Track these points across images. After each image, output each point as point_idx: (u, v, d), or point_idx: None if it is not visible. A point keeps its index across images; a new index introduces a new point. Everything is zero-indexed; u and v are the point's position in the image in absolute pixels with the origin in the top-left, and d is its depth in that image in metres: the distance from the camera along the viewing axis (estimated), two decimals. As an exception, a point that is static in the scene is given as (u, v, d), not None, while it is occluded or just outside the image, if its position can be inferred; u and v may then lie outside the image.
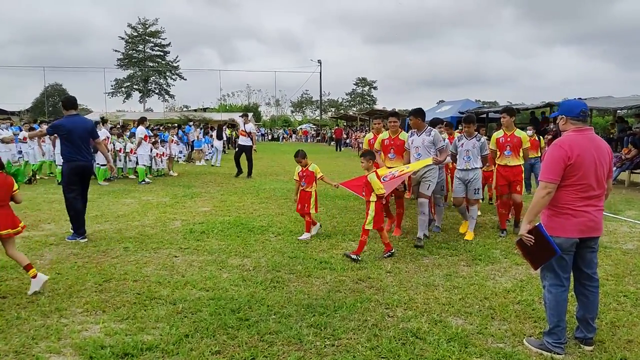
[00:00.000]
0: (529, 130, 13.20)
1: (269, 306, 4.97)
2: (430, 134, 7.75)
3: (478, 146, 7.99)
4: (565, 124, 4.06)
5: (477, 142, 8.00)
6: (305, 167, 8.02)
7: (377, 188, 6.71)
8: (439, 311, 4.91)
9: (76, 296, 5.23)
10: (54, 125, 7.92)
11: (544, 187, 3.92)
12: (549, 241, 3.90)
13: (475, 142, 8.01)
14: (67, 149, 7.65)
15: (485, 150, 8.03)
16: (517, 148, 8.24)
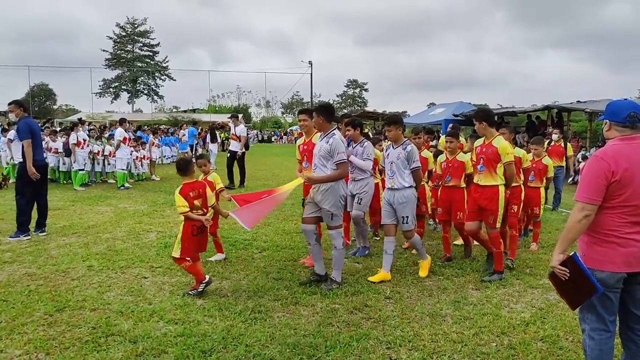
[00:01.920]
0: (554, 134, 11.64)
1: (247, 345, 4.16)
2: (406, 147, 6.05)
3: (403, 157, 5.99)
4: (609, 131, 3.29)
5: (402, 151, 6.01)
6: (206, 175, 6.84)
7: (178, 205, 5.34)
8: (451, 351, 4.12)
9: (18, 332, 4.39)
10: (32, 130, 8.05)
11: (580, 209, 3.14)
12: (587, 275, 3.12)
13: (401, 151, 6.02)
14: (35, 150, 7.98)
15: (413, 162, 5.99)
16: (491, 162, 5.94)
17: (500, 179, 5.91)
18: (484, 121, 6.00)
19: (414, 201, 6.05)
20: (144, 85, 71.86)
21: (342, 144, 5.63)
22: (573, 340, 4.40)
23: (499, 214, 5.94)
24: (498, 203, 5.91)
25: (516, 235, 6.81)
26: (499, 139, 5.99)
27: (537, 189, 7.73)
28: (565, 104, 19.23)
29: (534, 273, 6.36)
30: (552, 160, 10.83)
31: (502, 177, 5.92)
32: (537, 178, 7.72)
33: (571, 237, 3.16)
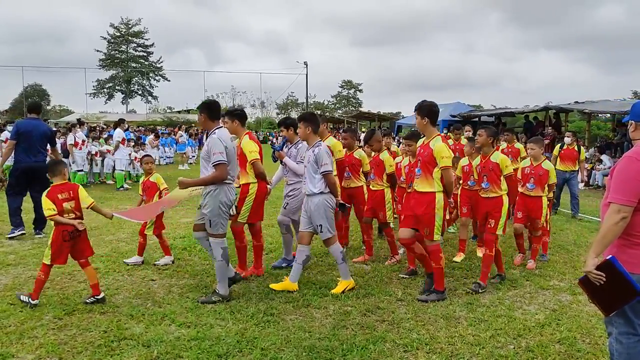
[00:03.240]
0: (567, 137, 11.02)
1: (262, 349, 4.10)
2: (314, 150, 5.49)
3: (312, 160, 5.49)
4: (635, 131, 3.25)
5: (312, 154, 5.53)
6: (149, 176, 6.73)
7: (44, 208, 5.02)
8: (469, 355, 4.08)
9: (29, 336, 4.31)
10: None
11: (617, 211, 3.08)
12: (628, 279, 3.04)
13: (311, 154, 5.55)
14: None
15: (322, 166, 5.43)
16: (427, 166, 5.23)
17: (438, 185, 5.20)
18: (427, 117, 5.26)
19: (327, 208, 5.48)
20: (138, 86, 71.48)
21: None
22: (590, 342, 4.37)
23: (435, 227, 5.21)
24: (434, 213, 5.19)
25: (491, 256, 5.80)
26: (437, 139, 5.24)
27: (538, 198, 6.69)
28: (563, 104, 19.26)
29: (543, 274, 6.33)
30: (565, 165, 10.58)
31: (439, 183, 5.22)
32: (538, 185, 6.68)
33: (608, 241, 3.08)
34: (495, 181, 5.99)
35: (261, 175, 5.91)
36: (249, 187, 5.92)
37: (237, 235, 5.98)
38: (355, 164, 6.91)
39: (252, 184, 5.91)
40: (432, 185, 5.20)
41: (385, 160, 6.77)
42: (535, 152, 6.82)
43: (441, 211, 5.24)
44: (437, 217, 5.22)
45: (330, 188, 5.52)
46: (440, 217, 5.24)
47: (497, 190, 5.98)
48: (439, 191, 5.21)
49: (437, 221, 5.23)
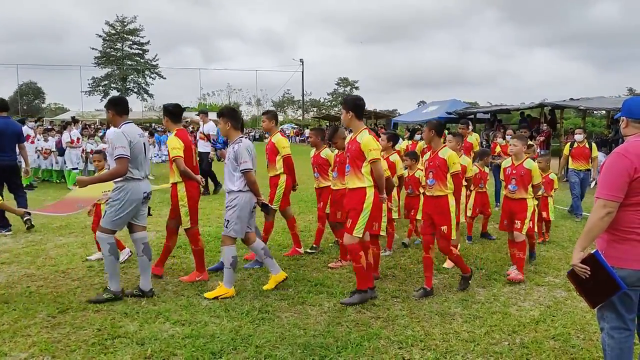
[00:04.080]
0: (577, 134, 10.38)
1: (257, 347, 4.09)
2: (234, 147, 5.31)
3: (232, 157, 5.30)
4: (626, 128, 3.25)
5: (232, 150, 5.34)
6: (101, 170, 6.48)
7: None
8: (463, 351, 4.08)
9: (22, 334, 4.29)
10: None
11: (602, 206, 3.10)
12: (610, 273, 3.08)
13: (231, 150, 5.36)
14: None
15: (242, 164, 5.23)
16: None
17: (368, 179, 5.00)
18: (352, 111, 5.09)
19: (243, 207, 5.26)
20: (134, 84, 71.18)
21: (122, 136, 4.94)
22: (584, 338, 4.38)
23: (358, 222, 4.97)
24: (362, 208, 4.98)
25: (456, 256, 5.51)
26: (364, 133, 5.04)
27: (521, 200, 6.10)
28: (558, 101, 19.30)
29: (538, 271, 6.34)
30: (579, 164, 10.01)
31: (369, 177, 5.02)
32: (521, 187, 6.08)
33: (593, 235, 3.12)
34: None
35: (185, 174, 5.60)
36: (176, 188, 5.69)
37: (191, 238, 5.81)
38: (322, 163, 6.87)
39: (179, 184, 5.68)
40: (362, 181, 5.01)
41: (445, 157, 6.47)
42: (517, 149, 6.19)
43: (369, 208, 4.98)
44: (364, 213, 4.98)
45: (250, 187, 5.30)
46: (366, 214, 4.97)
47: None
48: (370, 186, 5.01)
49: (362, 217, 4.97)
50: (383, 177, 5.11)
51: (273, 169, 6.67)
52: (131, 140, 4.95)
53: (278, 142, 6.65)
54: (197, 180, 5.77)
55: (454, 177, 5.39)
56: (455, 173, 5.38)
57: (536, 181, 6.11)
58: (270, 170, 6.71)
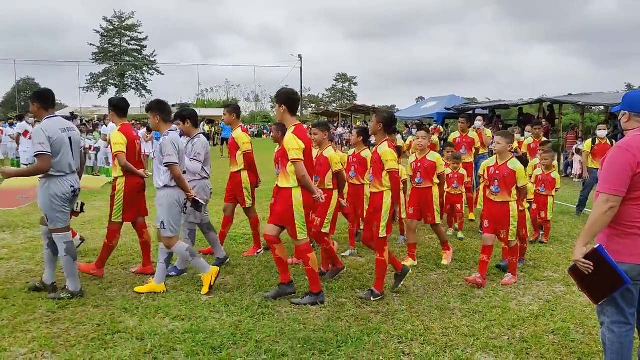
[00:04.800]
0: (600, 129, 9.82)
1: (257, 342, 4.09)
2: (160, 140, 5.23)
3: (158, 150, 5.20)
4: (628, 122, 3.25)
5: (157, 143, 5.26)
6: None
7: None
8: (463, 345, 4.09)
9: (21, 330, 4.28)
10: None
11: (605, 201, 3.10)
12: (614, 268, 3.07)
13: (157, 144, 5.28)
14: None
15: (166, 157, 5.06)
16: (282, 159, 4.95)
17: (293, 180, 4.80)
18: (284, 105, 4.89)
19: (172, 203, 5.15)
20: (132, 80, 71.00)
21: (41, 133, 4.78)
22: (584, 332, 4.38)
23: (297, 224, 4.82)
24: (292, 209, 4.81)
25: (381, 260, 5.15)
26: (290, 130, 4.87)
27: (504, 204, 5.59)
28: (557, 96, 19.28)
29: (537, 266, 6.35)
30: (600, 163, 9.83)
31: (294, 178, 4.81)
32: (503, 189, 5.57)
33: (595, 230, 3.11)
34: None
35: (127, 168, 5.51)
36: (116, 182, 5.63)
37: (108, 234, 5.76)
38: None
39: (120, 178, 5.61)
40: (289, 181, 4.82)
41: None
42: (501, 147, 5.63)
43: (299, 209, 4.81)
44: (297, 215, 4.80)
45: (177, 182, 5.13)
46: (299, 216, 4.81)
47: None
48: (295, 187, 4.80)
49: (298, 219, 4.82)
50: (305, 177, 4.77)
51: (234, 164, 6.46)
52: (50, 136, 4.79)
53: (238, 138, 6.40)
54: (140, 175, 5.65)
55: (390, 175, 5.02)
56: (390, 170, 5.01)
57: (521, 184, 5.58)
58: (232, 166, 6.51)
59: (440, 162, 6.50)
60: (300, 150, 4.74)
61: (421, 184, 6.41)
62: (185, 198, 5.27)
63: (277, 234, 4.96)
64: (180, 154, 5.21)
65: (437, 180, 6.52)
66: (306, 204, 4.87)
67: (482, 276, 5.55)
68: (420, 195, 6.48)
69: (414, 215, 6.50)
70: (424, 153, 6.47)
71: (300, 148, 4.74)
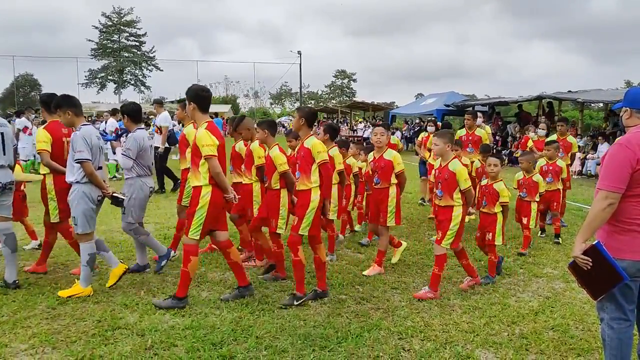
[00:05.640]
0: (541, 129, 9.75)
1: (257, 337, 4.11)
2: (72, 135, 5.08)
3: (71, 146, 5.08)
4: (630, 118, 3.25)
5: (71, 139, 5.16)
6: None
7: None
8: (463, 342, 4.10)
9: (22, 325, 4.29)
10: None
11: (604, 197, 3.11)
12: (612, 264, 3.09)
13: None
14: None
15: (77, 153, 4.89)
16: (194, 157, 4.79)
17: (204, 178, 4.65)
18: (193, 102, 4.76)
19: (83, 200, 4.98)
20: (131, 76, 70.93)
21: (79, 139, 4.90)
22: (583, 329, 4.40)
23: (193, 221, 4.66)
24: (194, 210, 4.66)
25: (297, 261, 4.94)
26: (202, 127, 4.72)
27: (447, 208, 5.12)
28: (557, 93, 19.30)
29: (537, 262, 6.36)
30: None
31: (205, 176, 4.65)
32: (446, 192, 5.11)
33: (594, 227, 3.12)
34: (305, 171, 4.86)
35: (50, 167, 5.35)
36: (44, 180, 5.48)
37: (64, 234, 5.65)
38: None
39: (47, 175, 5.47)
40: (199, 179, 4.68)
41: (254, 150, 5.78)
42: (439, 148, 5.16)
43: (205, 207, 4.63)
44: (197, 213, 4.66)
45: (89, 178, 4.97)
46: (201, 214, 4.64)
47: (196, 174, 4.74)
48: (206, 184, 4.65)
49: (196, 217, 4.65)
50: (220, 175, 4.61)
51: (184, 162, 6.12)
52: None
53: (189, 134, 5.97)
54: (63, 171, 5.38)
55: (321, 167, 4.86)
56: (322, 162, 4.85)
57: (463, 186, 5.06)
58: (182, 163, 6.23)
59: (398, 160, 5.79)
60: (214, 147, 4.61)
61: (379, 184, 5.77)
62: (99, 195, 5.10)
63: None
64: (93, 150, 5.02)
65: (395, 180, 5.82)
66: (214, 202, 4.66)
67: (433, 289, 5.10)
68: (377, 196, 5.83)
69: (374, 219, 5.89)
70: (381, 151, 5.80)
71: (214, 144, 4.62)
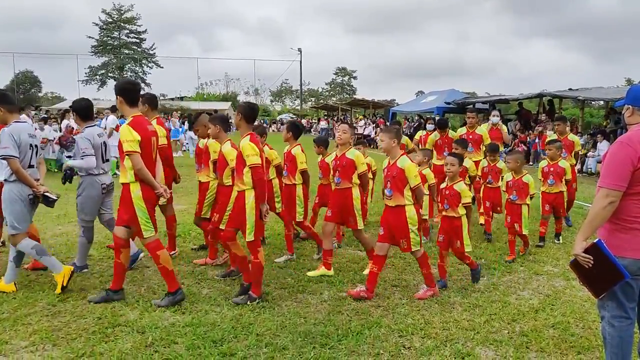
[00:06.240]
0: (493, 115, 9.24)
1: (258, 335, 4.11)
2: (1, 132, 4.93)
3: None
4: (631, 116, 3.23)
5: None
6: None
7: None
8: (463, 339, 4.10)
9: (22, 322, 4.29)
10: None
11: (605, 196, 3.10)
12: (613, 262, 3.08)
13: None
14: None
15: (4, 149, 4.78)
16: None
17: (130, 175, 4.59)
18: (119, 95, 4.70)
19: (13, 199, 4.88)
20: (131, 73, 70.78)
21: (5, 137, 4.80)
22: (584, 326, 4.40)
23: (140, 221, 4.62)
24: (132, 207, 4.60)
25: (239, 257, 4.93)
26: (127, 121, 4.66)
27: (399, 208, 4.88)
28: (557, 91, 19.27)
29: (537, 260, 6.36)
30: None
31: (131, 172, 4.58)
32: (396, 191, 4.89)
33: (595, 225, 3.11)
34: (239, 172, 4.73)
35: None
36: None
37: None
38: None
39: None
40: (126, 176, 4.63)
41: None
42: (385, 145, 4.96)
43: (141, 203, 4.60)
44: (139, 212, 4.61)
45: (17, 176, 4.84)
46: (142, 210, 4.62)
47: (241, 184, 4.74)
48: (133, 182, 4.60)
49: (140, 216, 4.62)
50: (142, 170, 4.53)
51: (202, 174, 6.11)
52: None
53: None
54: None
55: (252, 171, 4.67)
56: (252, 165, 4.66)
57: (412, 183, 4.83)
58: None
59: (360, 160, 5.59)
60: (134, 142, 4.52)
61: (340, 184, 5.58)
62: (30, 193, 4.96)
63: (126, 236, 4.74)
64: (22, 147, 4.91)
65: (357, 180, 5.62)
66: (147, 198, 4.62)
67: (369, 289, 4.93)
68: (339, 196, 5.60)
69: (332, 218, 5.61)
70: (344, 149, 5.64)
71: (134, 140, 4.52)
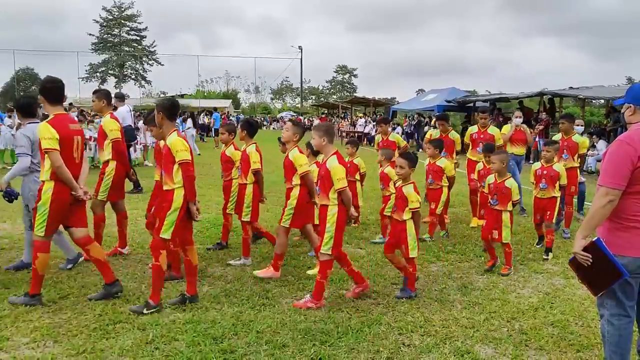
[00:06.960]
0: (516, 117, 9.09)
1: (258, 332, 4.12)
2: None
3: None
4: (633, 115, 3.24)
5: None
6: None
7: None
8: (463, 337, 4.11)
9: (23, 319, 4.30)
10: None
11: (604, 194, 3.10)
12: (612, 260, 3.09)
13: None
14: None
15: None
16: None
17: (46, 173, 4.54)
18: (41, 95, 4.68)
19: None
20: (132, 70, 70.77)
21: None
22: (583, 324, 4.41)
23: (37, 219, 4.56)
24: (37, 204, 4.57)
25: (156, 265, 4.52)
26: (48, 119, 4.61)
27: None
28: (558, 90, 19.26)
29: (537, 258, 6.37)
30: None
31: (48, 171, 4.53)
32: (323, 191, 4.71)
33: (594, 223, 3.12)
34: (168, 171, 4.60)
35: None
36: None
37: None
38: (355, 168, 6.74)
39: None
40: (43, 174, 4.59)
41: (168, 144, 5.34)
42: (316, 142, 4.81)
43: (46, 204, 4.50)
44: (39, 210, 4.54)
45: None
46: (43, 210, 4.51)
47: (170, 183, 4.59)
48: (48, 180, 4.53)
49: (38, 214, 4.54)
50: (61, 169, 4.46)
51: (102, 154, 6.08)
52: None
53: (106, 125, 5.94)
54: None
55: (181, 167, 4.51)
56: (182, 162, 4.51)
57: (336, 186, 4.58)
58: (100, 156, 6.15)
59: (299, 162, 5.40)
60: (53, 140, 4.43)
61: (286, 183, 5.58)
62: None
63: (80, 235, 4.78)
64: None
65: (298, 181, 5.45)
66: (56, 199, 4.50)
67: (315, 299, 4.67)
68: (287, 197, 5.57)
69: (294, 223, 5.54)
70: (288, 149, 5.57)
71: (53, 137, 4.43)
